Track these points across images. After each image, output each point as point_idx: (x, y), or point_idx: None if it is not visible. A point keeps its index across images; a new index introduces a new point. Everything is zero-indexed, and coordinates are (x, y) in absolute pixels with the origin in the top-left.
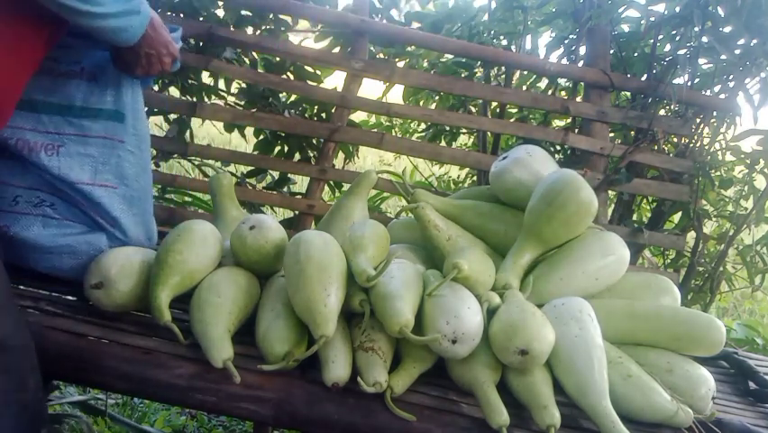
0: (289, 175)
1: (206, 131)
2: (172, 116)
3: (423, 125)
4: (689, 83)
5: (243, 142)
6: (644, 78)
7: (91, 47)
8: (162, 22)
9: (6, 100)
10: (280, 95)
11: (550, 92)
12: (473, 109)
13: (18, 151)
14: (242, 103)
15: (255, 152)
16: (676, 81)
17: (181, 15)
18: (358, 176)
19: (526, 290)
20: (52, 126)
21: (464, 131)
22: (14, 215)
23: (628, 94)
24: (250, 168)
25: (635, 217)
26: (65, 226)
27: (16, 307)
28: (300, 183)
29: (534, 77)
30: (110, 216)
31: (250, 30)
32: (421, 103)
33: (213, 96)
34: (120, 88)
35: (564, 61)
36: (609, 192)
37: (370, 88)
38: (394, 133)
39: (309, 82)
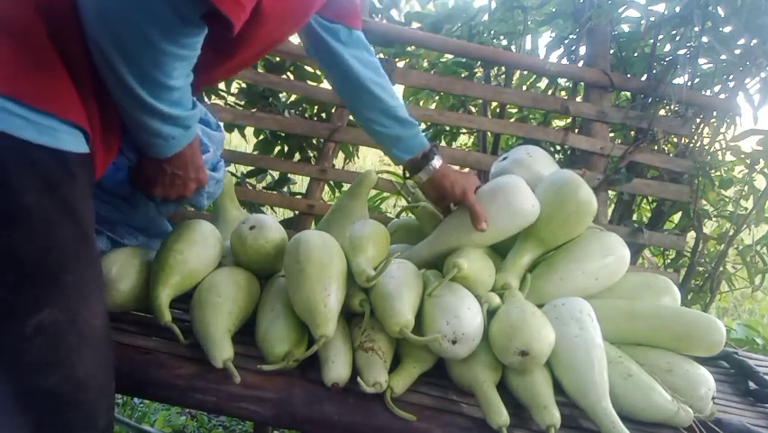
0: (289, 175)
1: None
2: None
3: (423, 125)
4: (689, 83)
5: (243, 142)
6: (644, 78)
7: None
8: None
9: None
10: (280, 95)
11: (550, 92)
12: (473, 109)
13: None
14: (242, 103)
15: (255, 152)
16: (676, 81)
17: None
18: (358, 176)
19: (524, 289)
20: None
21: (464, 131)
22: None
23: (628, 94)
24: (250, 168)
25: (635, 217)
26: None
27: (110, 345)
28: (300, 183)
29: (534, 77)
30: (142, 219)
31: None
32: (421, 103)
33: (213, 96)
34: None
35: (564, 61)
36: (609, 192)
37: None
38: None
39: (309, 82)
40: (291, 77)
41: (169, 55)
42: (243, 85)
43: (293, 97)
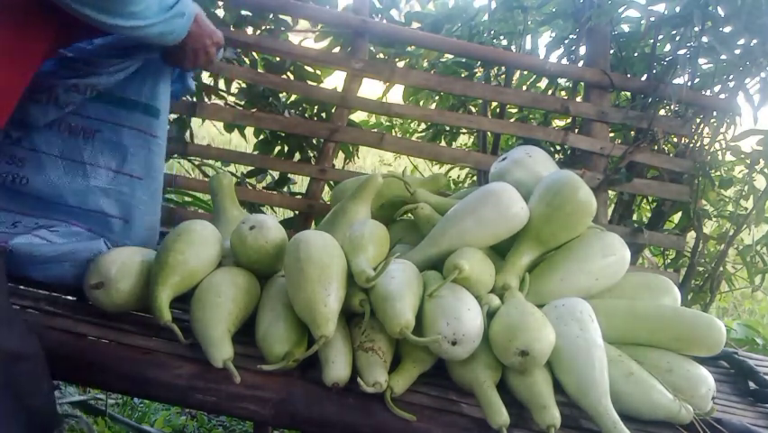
0: (289, 175)
1: (206, 131)
2: (172, 116)
3: (423, 125)
4: (689, 83)
5: (243, 142)
6: (644, 78)
7: (142, 50)
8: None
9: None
10: (280, 95)
11: (550, 92)
12: (473, 109)
13: (59, 132)
14: (242, 103)
15: (255, 152)
16: (676, 81)
17: None
18: (362, 179)
19: (524, 290)
20: (93, 112)
21: (464, 131)
22: (14, 235)
23: (628, 94)
24: (250, 168)
25: (635, 217)
26: (65, 239)
27: (19, 316)
28: (300, 183)
29: (535, 77)
30: (126, 205)
31: (250, 30)
32: (421, 103)
33: (213, 96)
34: (157, 85)
35: (564, 61)
36: (609, 192)
37: (370, 88)
38: (394, 133)
39: (309, 82)
40: (291, 77)
41: None
42: (243, 85)
43: (293, 97)
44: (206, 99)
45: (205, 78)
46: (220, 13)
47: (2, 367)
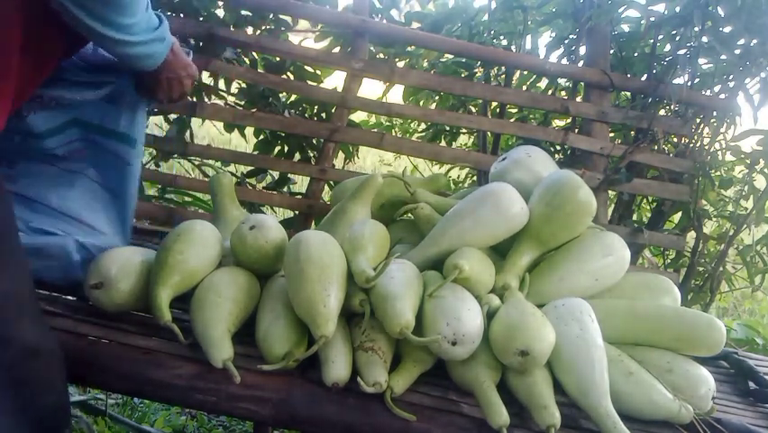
0: (289, 175)
1: (206, 131)
2: (172, 116)
3: (423, 125)
4: (689, 83)
5: (243, 142)
6: (644, 78)
7: (113, 73)
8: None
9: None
10: (280, 95)
11: (550, 92)
12: (473, 109)
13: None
14: (242, 103)
15: (255, 152)
16: (676, 81)
17: (181, 15)
18: (362, 179)
19: (524, 290)
20: (79, 135)
21: (464, 131)
22: None
23: (628, 94)
24: (250, 168)
25: (635, 217)
26: (35, 234)
27: (42, 313)
28: (300, 183)
29: (534, 77)
30: (101, 219)
31: (250, 30)
32: (421, 103)
33: (213, 96)
34: (135, 115)
35: (564, 61)
36: (609, 192)
37: (370, 88)
38: (394, 133)
39: (309, 82)
40: (291, 77)
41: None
42: (243, 85)
43: (293, 97)
44: (206, 99)
45: (206, 78)
46: (220, 13)
47: (19, 362)
